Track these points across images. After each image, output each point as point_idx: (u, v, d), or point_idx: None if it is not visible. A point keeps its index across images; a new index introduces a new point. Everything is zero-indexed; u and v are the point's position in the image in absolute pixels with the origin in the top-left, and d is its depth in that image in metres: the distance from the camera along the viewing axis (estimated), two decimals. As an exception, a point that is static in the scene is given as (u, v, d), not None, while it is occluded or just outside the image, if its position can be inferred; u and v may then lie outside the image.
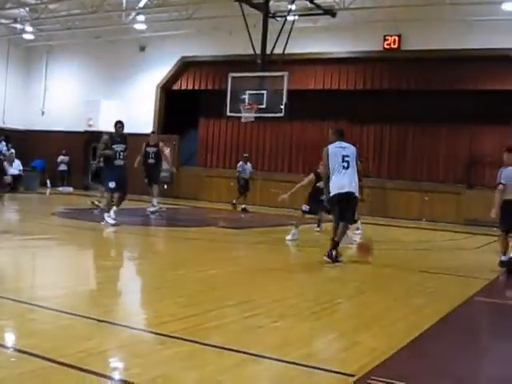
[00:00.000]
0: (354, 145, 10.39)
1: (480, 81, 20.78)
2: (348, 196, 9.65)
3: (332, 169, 9.64)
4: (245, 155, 22.12)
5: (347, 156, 9.70)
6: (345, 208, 9.67)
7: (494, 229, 17.51)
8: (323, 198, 10.71)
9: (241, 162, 21.43)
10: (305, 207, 12.60)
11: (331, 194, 9.68)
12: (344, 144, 9.93)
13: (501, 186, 9.90)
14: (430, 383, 4.02)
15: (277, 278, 8.17)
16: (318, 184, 12.20)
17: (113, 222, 12.72)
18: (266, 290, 7.14)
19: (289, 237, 12.53)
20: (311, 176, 12.77)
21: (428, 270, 9.72)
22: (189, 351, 4.39)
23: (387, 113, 23.35)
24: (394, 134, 23.95)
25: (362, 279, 8.69)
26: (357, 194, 9.86)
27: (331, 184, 9.65)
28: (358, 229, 14.38)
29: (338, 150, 9.74)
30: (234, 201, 20.78)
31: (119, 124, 13.92)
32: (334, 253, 9.45)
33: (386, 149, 23.99)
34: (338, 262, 9.41)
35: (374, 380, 4.00)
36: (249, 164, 21.34)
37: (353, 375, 4.05)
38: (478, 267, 10.62)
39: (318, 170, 12.30)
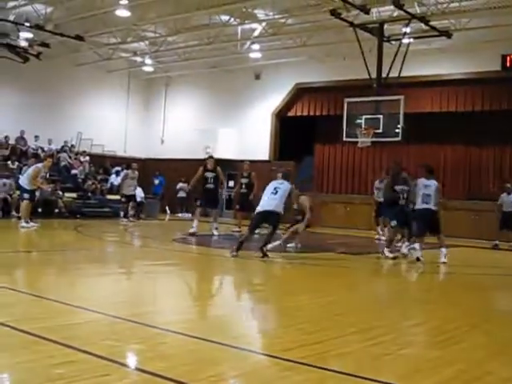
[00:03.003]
0: None
1: None
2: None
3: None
4: (508, 185, 18.77)
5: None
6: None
7: None
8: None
9: (504, 194, 18.59)
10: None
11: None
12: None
13: None
14: None
15: (398, 304, 8.05)
16: None
17: None
18: (388, 316, 7.03)
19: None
20: None
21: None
22: (318, 378, 4.36)
23: (507, 133, 22.69)
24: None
25: (485, 305, 8.41)
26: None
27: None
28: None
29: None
30: (497, 241, 18.14)
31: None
32: None
33: (507, 170, 23.26)
34: None
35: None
36: None
37: (487, 406, 3.93)
38: None
39: None
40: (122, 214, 22.35)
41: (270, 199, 12.30)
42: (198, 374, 4.25)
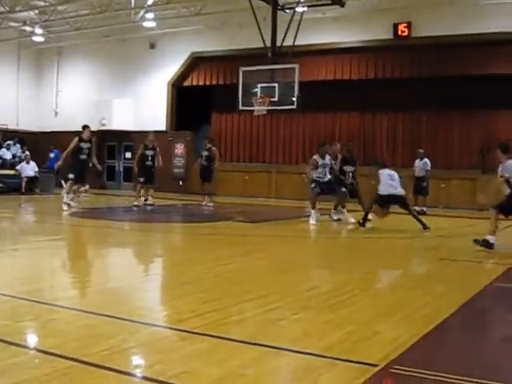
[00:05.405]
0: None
1: (493, 65, 20.62)
2: None
3: None
4: (420, 151, 19.23)
5: None
6: None
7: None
8: None
9: (417, 160, 18.99)
10: None
11: None
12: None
13: None
14: (454, 371, 3.99)
15: (295, 271, 8.17)
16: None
17: None
18: (285, 282, 7.13)
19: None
20: None
21: (447, 257, 9.67)
22: (211, 346, 4.39)
23: (400, 101, 23.24)
24: (407, 122, 23.84)
25: (378, 269, 8.65)
26: None
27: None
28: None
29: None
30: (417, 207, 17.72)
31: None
32: None
33: (400, 137, 23.90)
34: None
35: (397, 369, 3.99)
36: (425, 160, 18.77)
37: (376, 365, 4.03)
38: (497, 253, 10.52)
39: None
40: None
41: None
42: (89, 348, 4.19)
